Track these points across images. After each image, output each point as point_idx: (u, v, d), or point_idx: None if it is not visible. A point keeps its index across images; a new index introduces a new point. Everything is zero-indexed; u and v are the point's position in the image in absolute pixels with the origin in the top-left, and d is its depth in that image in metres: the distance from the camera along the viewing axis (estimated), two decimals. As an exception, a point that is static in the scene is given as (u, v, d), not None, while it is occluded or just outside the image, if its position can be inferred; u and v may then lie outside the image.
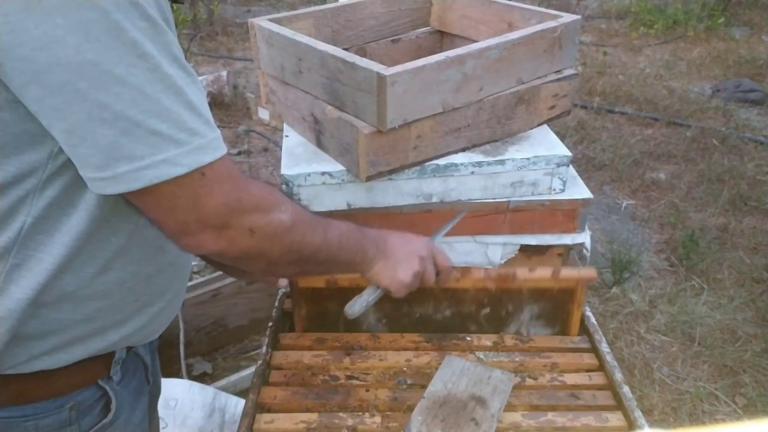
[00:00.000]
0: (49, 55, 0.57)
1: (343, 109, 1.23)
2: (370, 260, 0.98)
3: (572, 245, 1.44)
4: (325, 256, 0.88)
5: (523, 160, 1.31)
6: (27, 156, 0.66)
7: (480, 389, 0.99)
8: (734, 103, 4.42)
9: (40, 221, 0.70)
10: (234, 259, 0.76)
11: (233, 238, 0.72)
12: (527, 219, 1.39)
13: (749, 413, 2.07)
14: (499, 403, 0.96)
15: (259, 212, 0.74)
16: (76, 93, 0.59)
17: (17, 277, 0.72)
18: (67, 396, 0.80)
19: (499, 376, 1.01)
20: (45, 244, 0.72)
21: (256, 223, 0.73)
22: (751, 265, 2.79)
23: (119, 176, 0.62)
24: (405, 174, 1.29)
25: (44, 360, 0.77)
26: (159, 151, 0.62)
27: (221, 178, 0.68)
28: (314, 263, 0.87)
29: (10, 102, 0.62)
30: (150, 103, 0.61)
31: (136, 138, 0.61)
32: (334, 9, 1.50)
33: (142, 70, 0.60)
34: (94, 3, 0.57)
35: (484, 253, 1.44)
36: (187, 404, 1.69)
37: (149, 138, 0.62)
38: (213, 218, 0.69)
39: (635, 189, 3.43)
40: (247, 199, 0.72)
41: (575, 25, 1.35)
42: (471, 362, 1.04)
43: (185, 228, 0.69)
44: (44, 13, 0.56)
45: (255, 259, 0.77)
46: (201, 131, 0.65)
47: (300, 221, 0.81)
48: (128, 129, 0.61)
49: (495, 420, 0.93)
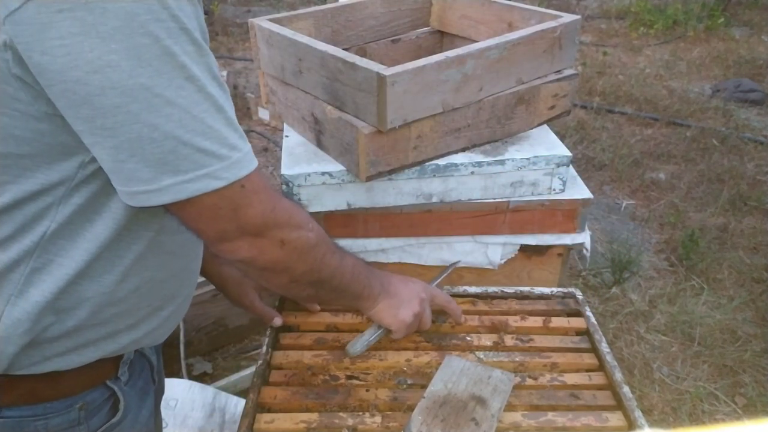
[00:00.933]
0: (102, 79, 0.60)
1: (343, 109, 1.23)
2: (375, 297, 1.01)
3: (572, 245, 1.44)
4: (338, 283, 0.92)
5: (523, 160, 1.31)
6: (58, 165, 0.69)
7: (480, 389, 0.99)
8: (734, 103, 4.42)
9: (64, 227, 0.72)
10: (261, 270, 0.80)
11: (265, 248, 0.77)
12: (527, 219, 1.39)
13: (749, 413, 2.08)
14: (499, 403, 0.96)
15: (290, 226, 0.78)
16: (129, 114, 0.62)
17: (37, 281, 0.73)
18: (77, 396, 0.81)
19: (499, 376, 1.01)
20: (66, 249, 0.73)
21: (287, 235, 0.78)
22: (751, 265, 2.79)
23: (164, 189, 0.66)
24: (405, 174, 1.29)
25: (56, 361, 0.78)
26: (202, 166, 0.66)
27: (258, 188, 0.73)
28: (329, 288, 0.91)
29: (49, 115, 0.65)
30: (196, 122, 0.65)
31: (183, 155, 0.65)
32: (334, 9, 1.50)
33: (190, 92, 0.64)
34: (146, 30, 0.60)
35: (484, 253, 1.44)
36: (188, 404, 1.69)
37: (195, 155, 0.66)
38: (250, 226, 0.74)
39: (635, 189, 3.44)
40: (281, 211, 0.77)
41: (575, 25, 1.35)
42: (471, 362, 1.04)
43: (224, 235, 0.74)
44: (99, 38, 0.59)
45: (280, 272, 0.81)
46: (239, 146, 0.69)
47: (323, 241, 0.85)
48: (176, 147, 0.65)
49: (495, 420, 0.93)
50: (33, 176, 0.69)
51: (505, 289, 1.23)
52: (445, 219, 1.38)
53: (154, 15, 0.61)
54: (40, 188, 0.70)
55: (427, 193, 1.34)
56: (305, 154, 1.36)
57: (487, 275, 1.45)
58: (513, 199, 1.36)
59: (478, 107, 1.29)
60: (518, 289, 1.23)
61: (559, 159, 1.32)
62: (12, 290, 0.73)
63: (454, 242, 1.42)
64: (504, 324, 1.15)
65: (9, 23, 0.59)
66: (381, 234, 1.39)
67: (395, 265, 1.44)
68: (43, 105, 0.64)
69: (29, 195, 0.70)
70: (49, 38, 0.58)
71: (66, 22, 0.58)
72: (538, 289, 1.24)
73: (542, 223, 1.40)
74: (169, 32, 0.62)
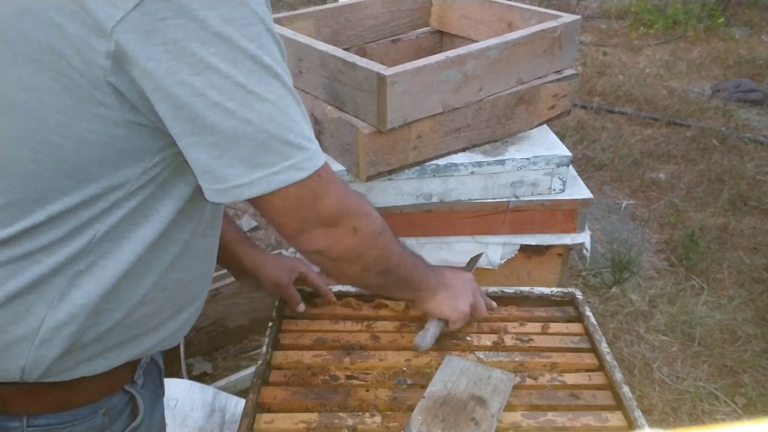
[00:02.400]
0: (203, 80, 0.64)
1: (343, 109, 1.23)
2: (433, 289, 1.03)
3: (572, 245, 1.44)
4: (403, 272, 0.95)
5: (523, 160, 1.31)
6: (122, 171, 0.71)
7: (480, 389, 0.99)
8: (734, 103, 4.42)
9: (113, 230, 0.74)
10: (335, 260, 0.83)
11: (340, 236, 0.80)
12: (527, 219, 1.39)
13: (749, 413, 2.07)
14: (499, 403, 0.96)
15: (361, 213, 0.82)
16: (226, 112, 0.66)
17: (80, 283, 0.74)
18: (100, 402, 0.82)
19: (499, 376, 1.01)
20: (112, 252, 0.75)
21: (359, 222, 0.81)
22: (751, 265, 2.79)
23: (255, 182, 0.69)
24: (405, 174, 1.29)
25: (85, 367, 0.78)
26: (288, 158, 0.70)
27: (331, 178, 0.77)
28: (396, 277, 0.94)
29: (129, 122, 0.68)
30: (283, 116, 0.69)
31: (271, 148, 0.69)
32: (334, 9, 1.50)
33: (276, 88, 0.69)
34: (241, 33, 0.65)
35: (484, 254, 1.44)
36: (187, 404, 1.69)
37: (282, 147, 0.69)
38: (327, 215, 0.77)
39: (635, 189, 3.43)
40: (351, 199, 0.81)
41: (575, 25, 1.35)
42: (471, 362, 1.04)
43: (304, 226, 0.77)
44: (200, 42, 0.63)
45: (353, 260, 0.84)
46: (313, 138, 0.74)
47: (387, 229, 0.89)
48: (266, 140, 0.68)
49: (495, 420, 0.93)
50: (96, 181, 0.70)
51: (505, 289, 1.23)
52: (445, 219, 1.38)
53: (247, 20, 0.66)
54: (99, 192, 0.71)
55: (427, 193, 1.34)
56: (305, 154, 1.36)
57: (487, 275, 1.45)
58: (513, 199, 1.36)
59: (478, 107, 1.29)
60: (518, 289, 1.23)
61: (559, 159, 1.33)
62: (55, 293, 0.73)
63: (454, 242, 1.42)
64: (503, 331, 1.15)
65: (117, 32, 0.62)
66: (381, 234, 1.39)
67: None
68: (126, 112, 0.67)
69: (88, 199, 0.71)
70: (154, 44, 0.62)
71: (170, 29, 0.62)
72: (538, 290, 1.24)
73: (542, 223, 1.40)
74: (259, 35, 0.67)
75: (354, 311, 1.19)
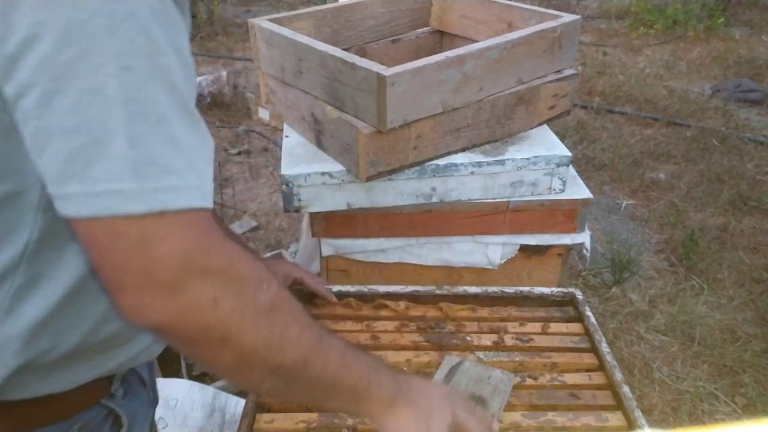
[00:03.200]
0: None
1: (343, 109, 1.23)
2: (387, 401, 0.74)
3: (572, 245, 1.44)
4: (318, 373, 0.66)
5: (522, 160, 1.31)
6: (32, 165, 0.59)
7: (480, 389, 0.99)
8: (734, 103, 4.43)
9: (48, 236, 0.64)
10: (186, 342, 0.58)
11: (186, 307, 0.54)
12: (527, 219, 1.39)
13: (749, 413, 2.08)
14: (499, 402, 0.97)
15: (229, 278, 0.56)
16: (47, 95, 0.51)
17: (26, 297, 0.66)
18: (74, 418, 0.77)
19: (499, 376, 1.01)
20: (55, 262, 0.66)
21: (223, 290, 0.56)
22: (750, 265, 2.79)
23: (69, 196, 0.52)
24: (405, 174, 1.29)
25: (51, 384, 0.72)
26: (118, 179, 0.51)
27: (187, 223, 0.54)
28: (305, 380, 0.66)
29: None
30: (118, 118, 0.51)
31: (97, 159, 0.51)
32: (334, 9, 1.50)
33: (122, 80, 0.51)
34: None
35: (484, 253, 1.44)
36: (187, 404, 1.69)
37: (113, 164, 0.51)
38: (162, 271, 0.53)
39: (635, 189, 3.44)
40: (216, 254, 0.55)
41: (575, 25, 1.35)
42: (471, 362, 1.04)
43: (123, 280, 0.53)
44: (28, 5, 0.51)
45: (217, 347, 0.58)
46: (180, 172, 0.54)
47: (285, 308, 0.63)
48: (97, 144, 0.51)
49: (495, 420, 0.93)
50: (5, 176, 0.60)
51: (505, 289, 1.23)
52: (445, 219, 1.38)
53: None
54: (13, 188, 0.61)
55: (427, 193, 1.34)
56: (305, 154, 1.36)
57: (487, 275, 1.45)
58: (513, 199, 1.36)
59: (478, 107, 1.29)
60: (518, 290, 1.23)
61: (559, 159, 1.32)
62: None
63: (454, 242, 1.42)
64: (503, 331, 1.15)
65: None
66: (381, 234, 1.39)
67: (395, 265, 1.44)
68: None
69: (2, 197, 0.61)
70: None
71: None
72: (538, 290, 1.24)
73: (542, 223, 1.40)
74: None
75: (354, 311, 1.19)
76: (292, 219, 3.06)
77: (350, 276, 1.46)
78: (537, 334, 1.15)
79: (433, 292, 1.21)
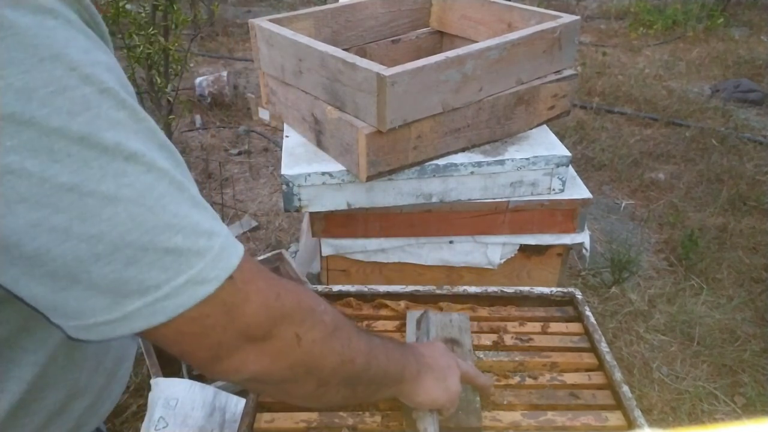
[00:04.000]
0: (5, 191, 0.42)
1: (343, 109, 1.23)
2: (416, 376, 0.80)
3: (571, 245, 1.44)
4: (375, 371, 0.71)
5: (522, 160, 1.32)
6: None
7: (449, 332, 1.04)
8: (733, 103, 4.43)
9: None
10: (279, 382, 0.61)
11: (278, 351, 0.58)
12: (527, 219, 1.39)
13: (748, 413, 2.08)
14: (468, 339, 1.03)
15: (300, 312, 0.59)
16: (53, 233, 0.44)
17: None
18: None
19: (458, 317, 1.08)
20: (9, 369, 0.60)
21: (301, 325, 0.59)
22: (750, 265, 2.79)
23: (131, 316, 0.48)
24: (405, 174, 1.29)
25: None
26: (179, 272, 0.48)
27: (252, 276, 0.54)
28: (367, 380, 0.71)
29: None
30: (153, 215, 0.47)
31: (147, 264, 0.47)
32: (334, 9, 1.50)
33: (135, 175, 0.46)
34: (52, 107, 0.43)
35: (483, 253, 1.44)
36: (188, 403, 1.69)
37: (164, 259, 0.48)
38: (254, 328, 0.55)
39: (634, 189, 3.44)
40: (285, 295, 0.58)
41: (574, 25, 1.35)
42: (429, 311, 1.09)
43: (219, 352, 0.54)
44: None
45: (303, 378, 0.62)
46: (216, 229, 0.51)
47: (341, 322, 0.66)
48: (134, 257, 0.47)
49: (473, 354, 1.01)
50: None
51: (504, 289, 1.23)
52: (445, 219, 1.38)
53: (58, 83, 0.43)
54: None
55: (427, 193, 1.34)
56: (305, 154, 1.36)
57: (487, 275, 1.45)
58: (513, 199, 1.37)
59: (477, 107, 1.29)
60: (518, 289, 1.24)
61: (558, 159, 1.33)
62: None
63: (454, 242, 1.43)
64: (503, 330, 1.15)
65: None
66: (381, 234, 1.39)
67: (395, 264, 1.44)
68: None
69: None
70: None
71: None
72: (538, 289, 1.24)
73: (542, 223, 1.40)
74: (84, 103, 0.44)
75: (354, 311, 1.20)
76: (293, 219, 3.06)
77: (350, 276, 1.46)
78: (537, 333, 1.15)
79: (433, 291, 1.22)
